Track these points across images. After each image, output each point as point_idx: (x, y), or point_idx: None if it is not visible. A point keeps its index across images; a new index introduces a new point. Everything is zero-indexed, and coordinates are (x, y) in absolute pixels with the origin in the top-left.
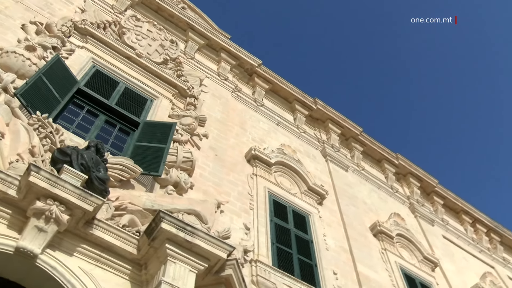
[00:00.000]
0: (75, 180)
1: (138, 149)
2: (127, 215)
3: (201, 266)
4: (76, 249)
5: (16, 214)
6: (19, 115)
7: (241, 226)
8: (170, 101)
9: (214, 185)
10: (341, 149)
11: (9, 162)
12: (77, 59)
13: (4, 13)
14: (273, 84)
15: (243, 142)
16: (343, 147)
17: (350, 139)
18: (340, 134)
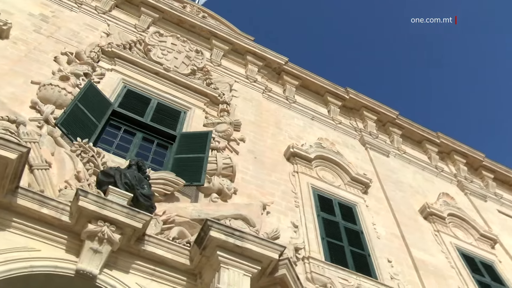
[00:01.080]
0: (121, 199)
1: (178, 162)
2: (175, 227)
3: (254, 269)
4: (131, 266)
5: (71, 239)
6: (62, 143)
7: (289, 224)
8: (203, 110)
9: (257, 187)
10: (379, 135)
11: (58, 189)
12: (108, 82)
13: (38, 49)
14: (302, 79)
15: (280, 141)
16: (381, 133)
17: (387, 124)
18: (376, 120)
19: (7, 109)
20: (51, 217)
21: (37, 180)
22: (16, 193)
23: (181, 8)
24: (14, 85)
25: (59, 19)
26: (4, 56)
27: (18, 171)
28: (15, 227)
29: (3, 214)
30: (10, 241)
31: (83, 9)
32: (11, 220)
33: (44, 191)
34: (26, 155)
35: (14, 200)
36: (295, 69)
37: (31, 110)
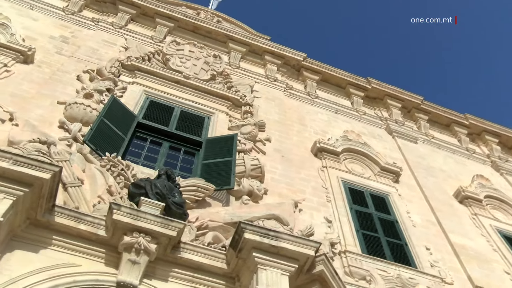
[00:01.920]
0: (154, 209)
1: (206, 167)
2: (209, 232)
3: (292, 268)
4: (169, 274)
5: (109, 252)
6: (92, 159)
7: (322, 220)
8: (226, 114)
9: (287, 186)
10: (405, 123)
11: (92, 205)
12: (130, 95)
13: (62, 70)
14: (322, 74)
15: (306, 138)
16: (407, 120)
17: (413, 110)
18: (401, 108)
19: (37, 131)
20: (88, 232)
21: (72, 197)
22: (53, 211)
23: (195, 15)
24: (42, 107)
25: (78, 39)
26: (31, 80)
27: (53, 190)
28: (56, 244)
29: (43, 233)
30: (52, 258)
31: (100, 26)
32: (51, 238)
33: (79, 208)
34: (59, 174)
35: (52, 218)
36: (314, 64)
37: (60, 129)
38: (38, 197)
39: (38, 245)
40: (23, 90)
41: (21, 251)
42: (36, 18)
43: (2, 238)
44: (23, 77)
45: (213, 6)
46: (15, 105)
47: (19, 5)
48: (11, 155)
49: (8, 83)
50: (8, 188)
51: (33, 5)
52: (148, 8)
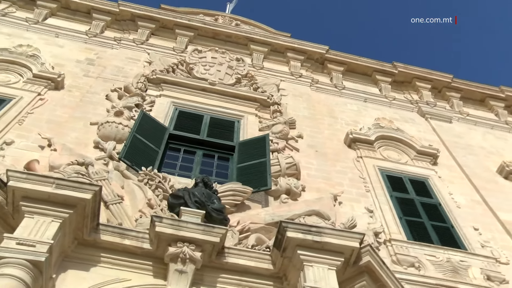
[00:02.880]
0: (195, 218)
1: (242, 171)
2: (252, 235)
3: (338, 262)
4: (217, 280)
5: (156, 264)
6: (129, 175)
7: (363, 211)
8: (255, 115)
9: (324, 180)
10: (437, 103)
11: (135, 219)
12: (159, 108)
13: (91, 92)
14: (347, 64)
15: (338, 130)
16: (439, 100)
17: (443, 90)
18: (431, 89)
19: (75, 154)
20: (133, 247)
21: (114, 214)
22: (98, 230)
23: (214, 21)
24: (76, 130)
25: (103, 59)
26: (63, 105)
27: (96, 209)
28: (104, 261)
29: (91, 251)
30: (102, 275)
31: (122, 44)
32: (99, 255)
33: (122, 224)
34: (99, 193)
35: (98, 236)
36: (338, 55)
37: (95, 149)
38: (82, 217)
39: (88, 263)
40: (57, 115)
41: (74, 270)
42: (62, 45)
43: (55, 259)
44: (56, 103)
45: (230, 10)
46: (52, 131)
47: (46, 35)
48: (54, 180)
49: (43, 110)
50: (54, 211)
51: (58, 33)
52: (166, 20)
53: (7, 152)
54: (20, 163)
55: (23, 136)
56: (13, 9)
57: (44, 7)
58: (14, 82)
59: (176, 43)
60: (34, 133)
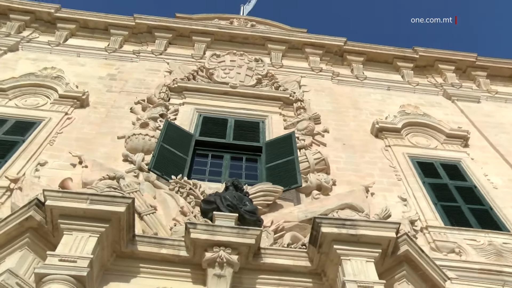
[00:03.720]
0: (228, 221)
1: (271, 170)
2: (287, 234)
3: (375, 253)
4: (256, 281)
5: (195, 270)
6: (160, 185)
7: (396, 200)
8: (279, 114)
9: (354, 172)
10: (463, 84)
11: (169, 228)
12: (183, 116)
13: (115, 106)
14: (366, 54)
15: (363, 121)
16: (464, 80)
17: (468, 70)
18: (455, 70)
19: (105, 169)
20: (170, 255)
21: (149, 225)
22: (134, 241)
23: (229, 25)
24: (104, 145)
25: (124, 73)
26: (90, 122)
27: (130, 221)
28: (144, 272)
29: (130, 263)
30: (143, 285)
31: (141, 57)
32: (138, 266)
33: (158, 233)
34: (132, 205)
35: (135, 247)
36: (356, 45)
37: (125, 162)
38: (118, 230)
39: (128, 275)
40: (85, 132)
41: (115, 283)
42: (84, 63)
43: (96, 273)
44: (82, 120)
45: (245, 11)
46: (81, 148)
47: (68, 55)
48: (87, 196)
49: (71, 129)
50: (91, 226)
51: (79, 52)
52: (182, 29)
53: (42, 173)
54: (55, 182)
55: (55, 156)
56: (36, 34)
57: (64, 29)
58: (42, 105)
59: (194, 50)
60: (65, 152)
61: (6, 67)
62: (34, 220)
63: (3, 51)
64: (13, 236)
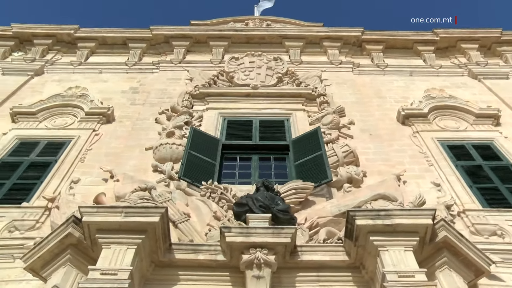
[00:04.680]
0: (262, 222)
1: (300, 168)
2: (322, 229)
3: (413, 242)
4: (295, 280)
5: (233, 273)
6: (191, 192)
7: (430, 186)
8: (303, 110)
9: (383, 162)
10: (488, 61)
11: (204, 234)
12: (208, 121)
13: (140, 118)
14: (385, 41)
15: (388, 109)
16: (490, 58)
17: (493, 46)
18: (479, 48)
19: (136, 181)
20: (208, 261)
21: (184, 232)
22: (171, 249)
23: (245, 26)
24: (133, 157)
25: (146, 85)
26: (117, 137)
27: (165, 230)
28: (183, 279)
29: (169, 271)
30: None
31: (161, 67)
32: (177, 274)
33: (193, 240)
34: (166, 214)
35: (173, 256)
36: (374, 34)
37: (155, 173)
38: (154, 240)
39: (168, 283)
40: (113, 147)
41: None
42: (106, 79)
43: (137, 284)
44: (110, 135)
45: (258, 11)
46: (111, 163)
47: (90, 73)
48: (122, 209)
49: (100, 145)
50: (128, 238)
51: (101, 69)
52: (199, 35)
53: (76, 190)
54: (89, 198)
55: (87, 173)
56: (59, 56)
57: (84, 48)
58: (70, 124)
59: (213, 55)
60: (96, 168)
61: (34, 91)
62: (73, 237)
63: (30, 76)
64: (55, 253)
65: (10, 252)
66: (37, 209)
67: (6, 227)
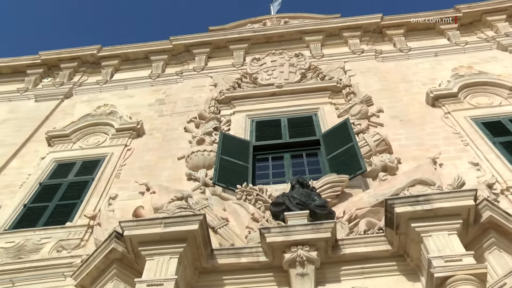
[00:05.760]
0: (300, 220)
1: (333, 161)
2: (361, 221)
3: (456, 225)
4: (340, 274)
5: (277, 273)
6: (227, 197)
7: (468, 166)
8: (330, 104)
9: (417, 146)
10: None
11: (244, 237)
12: (236, 124)
13: (169, 129)
14: (405, 25)
15: (416, 93)
16: None
17: None
18: (506, 18)
19: (172, 191)
20: (250, 263)
21: (224, 237)
22: (213, 255)
23: (263, 26)
24: (166, 168)
25: (172, 96)
26: (149, 149)
27: (206, 237)
28: (228, 283)
29: (213, 277)
30: None
31: (185, 76)
32: (221, 279)
33: (234, 244)
34: (204, 221)
35: (215, 261)
36: (394, 19)
37: (189, 181)
38: (196, 247)
39: None
40: (146, 160)
41: None
42: (133, 94)
43: None
44: (142, 149)
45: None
46: (146, 176)
47: (117, 90)
48: (161, 220)
49: (133, 159)
50: (170, 248)
51: (126, 85)
52: (218, 40)
53: (115, 206)
54: (128, 212)
55: (124, 188)
56: (85, 77)
57: (108, 66)
58: (103, 141)
59: (234, 59)
60: (132, 182)
61: (65, 113)
62: (117, 252)
63: (60, 99)
64: (102, 269)
65: (60, 271)
66: (80, 228)
67: (54, 247)
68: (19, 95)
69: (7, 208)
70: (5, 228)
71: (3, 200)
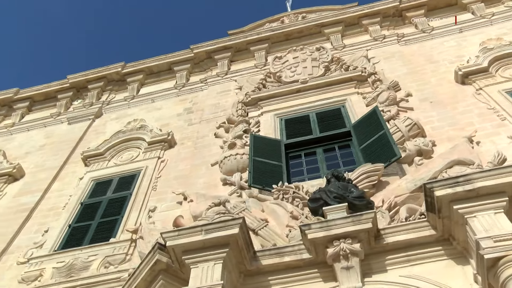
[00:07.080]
0: (340, 213)
1: (366, 151)
2: (401, 208)
3: (502, 202)
4: (385, 263)
5: (321, 269)
6: (264, 198)
7: (508, 141)
8: (356, 93)
9: (451, 127)
10: None
11: (285, 235)
12: (266, 125)
13: (200, 137)
14: (425, 4)
15: (444, 72)
16: None
17: None
18: None
19: (209, 197)
20: (294, 261)
21: (265, 238)
22: (256, 257)
23: (281, 24)
24: (201, 176)
25: (198, 104)
26: (182, 159)
27: (247, 240)
28: (274, 284)
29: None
30: None
31: (209, 82)
32: (267, 280)
33: (276, 244)
34: (244, 224)
35: (259, 263)
36: (412, 0)
37: (225, 186)
38: (238, 251)
39: None
40: (181, 169)
41: None
42: (160, 107)
43: None
44: (175, 159)
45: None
46: (182, 185)
47: (144, 104)
48: (201, 227)
49: (168, 171)
50: (213, 254)
51: (153, 98)
52: (238, 44)
53: (155, 218)
54: (169, 223)
55: (162, 199)
56: (113, 95)
57: (133, 82)
58: (136, 156)
59: (256, 60)
60: (169, 193)
61: (97, 133)
62: (161, 263)
63: (91, 119)
64: (149, 281)
65: (110, 286)
66: (124, 243)
67: (102, 264)
68: (53, 120)
69: (54, 230)
70: (55, 249)
71: (49, 222)
